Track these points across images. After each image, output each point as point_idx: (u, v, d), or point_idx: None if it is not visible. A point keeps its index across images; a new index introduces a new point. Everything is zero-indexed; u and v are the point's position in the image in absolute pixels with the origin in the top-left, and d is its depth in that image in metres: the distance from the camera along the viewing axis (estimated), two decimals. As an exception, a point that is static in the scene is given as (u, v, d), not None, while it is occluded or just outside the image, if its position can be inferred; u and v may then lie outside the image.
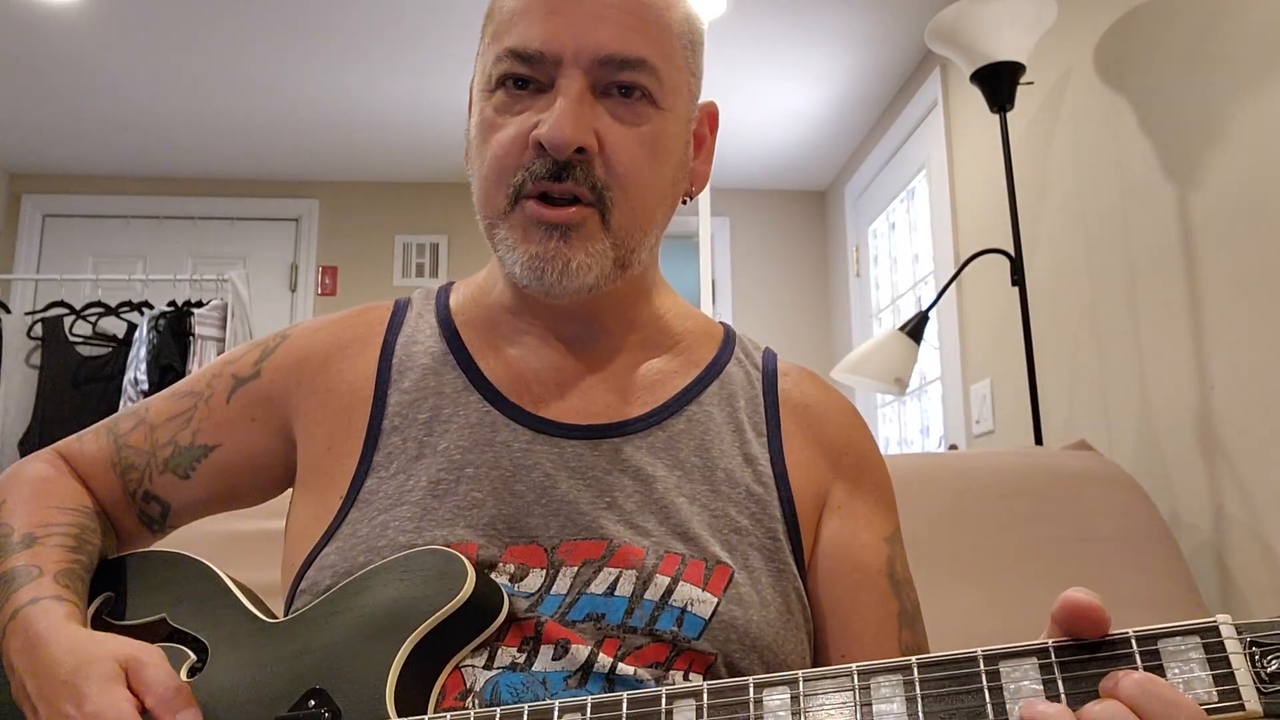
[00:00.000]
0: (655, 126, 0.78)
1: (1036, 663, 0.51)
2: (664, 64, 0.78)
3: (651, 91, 0.77)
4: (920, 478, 1.61)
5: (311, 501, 0.82)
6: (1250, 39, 1.74)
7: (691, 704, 0.57)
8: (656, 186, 0.79)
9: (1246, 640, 0.49)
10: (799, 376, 0.89)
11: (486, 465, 0.78)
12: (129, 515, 0.88)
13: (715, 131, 0.88)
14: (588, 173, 0.75)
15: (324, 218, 4.32)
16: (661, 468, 0.79)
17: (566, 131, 0.73)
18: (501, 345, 0.85)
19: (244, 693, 0.71)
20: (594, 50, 0.75)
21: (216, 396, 0.88)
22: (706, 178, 0.88)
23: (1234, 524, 1.75)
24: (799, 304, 4.35)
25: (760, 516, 0.79)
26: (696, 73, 0.84)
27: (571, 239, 0.75)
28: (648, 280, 0.87)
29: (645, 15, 0.77)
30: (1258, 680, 0.47)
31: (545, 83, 0.76)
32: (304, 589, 0.76)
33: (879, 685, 0.53)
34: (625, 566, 0.73)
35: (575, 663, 0.70)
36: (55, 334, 3.46)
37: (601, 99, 0.76)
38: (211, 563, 0.83)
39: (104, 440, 0.89)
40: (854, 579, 0.80)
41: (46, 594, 0.73)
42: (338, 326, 0.89)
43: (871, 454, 0.87)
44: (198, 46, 3.22)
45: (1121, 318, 2.11)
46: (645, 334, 0.86)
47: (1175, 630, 0.50)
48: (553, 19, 0.75)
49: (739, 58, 3.26)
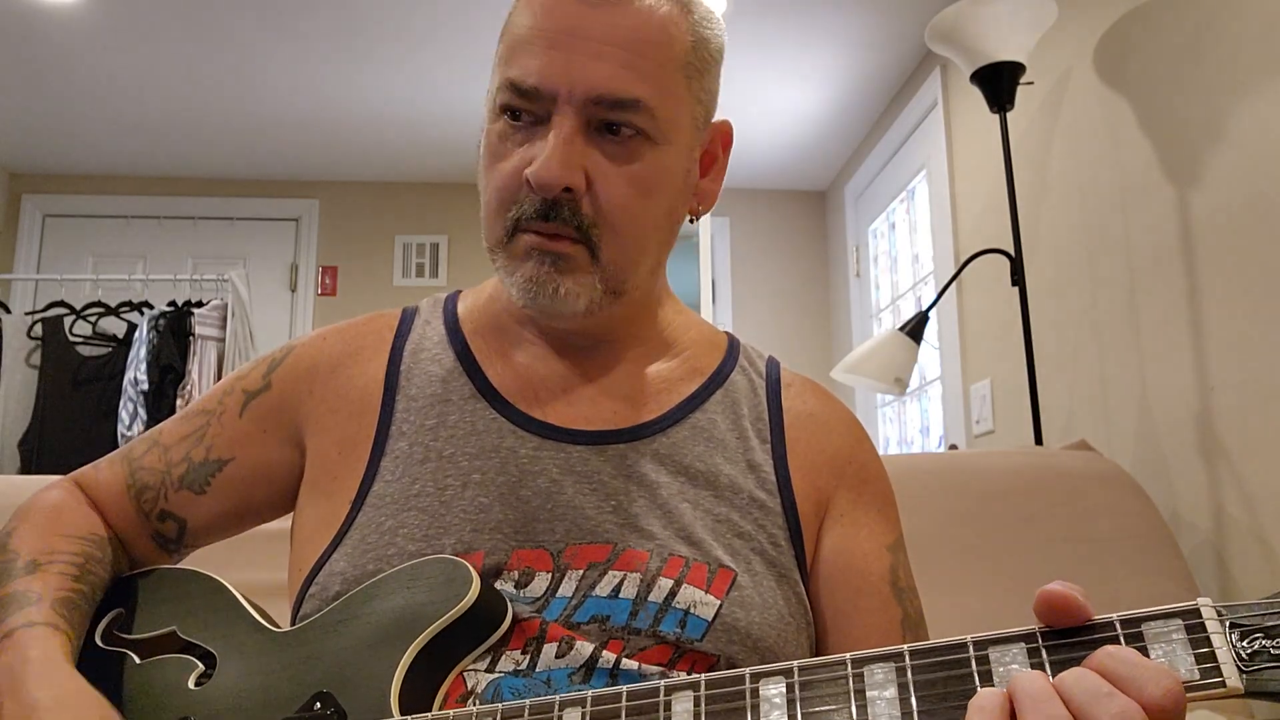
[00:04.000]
0: (649, 163, 0.78)
1: (1024, 647, 0.53)
2: (661, 101, 0.77)
3: (645, 129, 0.77)
4: (920, 478, 1.61)
5: (320, 505, 0.82)
6: (1250, 39, 1.74)
7: (690, 695, 0.58)
8: (647, 222, 0.79)
9: (1227, 622, 0.50)
10: (803, 387, 0.90)
11: (494, 471, 0.79)
12: (144, 539, 0.89)
13: (729, 150, 0.88)
14: (575, 211, 0.76)
15: (324, 218, 4.32)
16: (666, 473, 0.80)
17: (554, 173, 0.75)
18: (509, 352, 0.86)
19: (252, 698, 0.72)
20: (587, 90, 0.75)
21: (229, 412, 0.88)
22: (715, 196, 0.87)
23: (1234, 524, 1.75)
24: (799, 304, 4.35)
25: (763, 522, 0.80)
26: (706, 97, 0.83)
27: (562, 269, 0.77)
28: (651, 296, 0.87)
29: (644, 52, 0.77)
30: (1238, 659, 0.49)
31: (542, 116, 0.77)
32: (313, 593, 0.77)
33: (872, 672, 0.55)
34: (630, 570, 0.74)
35: (579, 659, 0.71)
36: (55, 334, 3.46)
37: (595, 136, 0.77)
38: (223, 561, 0.84)
39: (118, 467, 0.90)
40: (856, 586, 0.81)
41: (41, 620, 0.73)
42: (346, 334, 0.90)
43: (873, 464, 0.88)
44: (198, 47, 3.22)
45: (1121, 318, 2.11)
46: (649, 345, 0.87)
47: (1158, 614, 0.52)
48: (551, 53, 0.76)
49: (739, 58, 3.26)
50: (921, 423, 3.51)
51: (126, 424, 3.28)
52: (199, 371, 3.38)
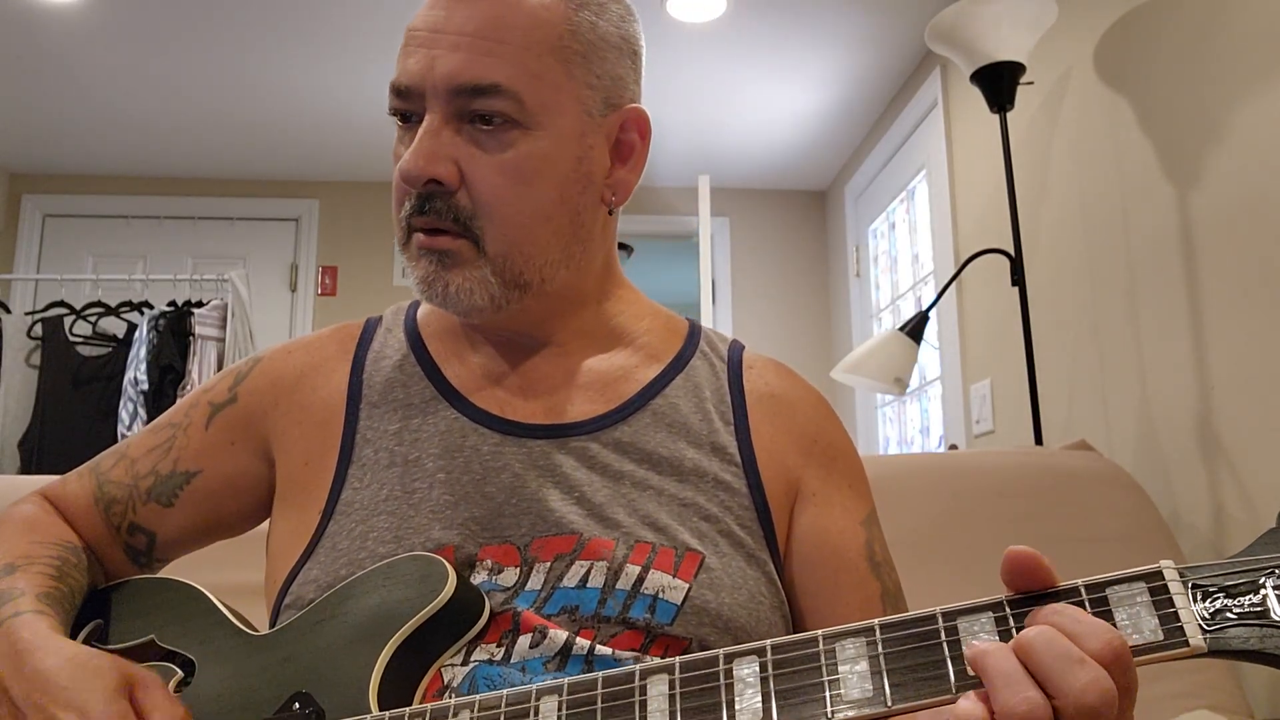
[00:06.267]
0: (522, 150, 0.77)
1: (992, 616, 0.54)
2: (527, 85, 0.76)
3: (513, 116, 0.76)
4: (920, 478, 1.61)
5: (291, 517, 0.83)
6: (1250, 39, 1.74)
7: (665, 678, 0.58)
8: (527, 210, 0.78)
9: (1189, 583, 0.51)
10: (765, 367, 0.90)
11: (458, 470, 0.79)
12: (116, 550, 0.89)
13: (647, 137, 0.85)
14: (449, 204, 0.77)
15: (324, 218, 4.32)
16: (629, 462, 0.80)
17: (418, 164, 0.76)
18: (465, 353, 0.87)
19: (231, 701, 0.72)
20: (446, 81, 0.76)
21: (195, 424, 0.89)
22: (631, 186, 0.85)
23: (1234, 524, 1.75)
24: (799, 304, 4.35)
25: (729, 504, 0.80)
26: (600, 82, 0.81)
27: (448, 264, 0.78)
28: (581, 289, 0.86)
29: (504, 38, 0.76)
30: (1200, 619, 0.50)
31: (420, 114, 0.78)
32: (289, 604, 0.78)
33: (844, 647, 0.55)
34: (596, 559, 0.75)
35: (553, 647, 0.72)
36: (55, 334, 3.45)
37: (467, 128, 0.77)
38: (203, 566, 0.84)
39: (86, 480, 0.90)
40: (833, 564, 0.82)
41: (28, 609, 0.74)
42: (311, 347, 0.91)
43: (841, 440, 0.88)
44: (198, 47, 3.22)
45: (1121, 318, 2.11)
46: (595, 337, 0.87)
47: (1122, 577, 0.53)
48: (419, 52, 0.77)
49: (739, 58, 3.27)
50: (921, 423, 3.51)
51: (126, 424, 3.28)
52: (199, 371, 3.38)
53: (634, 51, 0.85)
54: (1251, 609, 0.50)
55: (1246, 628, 0.49)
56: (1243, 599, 0.50)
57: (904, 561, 0.92)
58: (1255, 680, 1.65)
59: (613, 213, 0.86)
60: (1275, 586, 0.50)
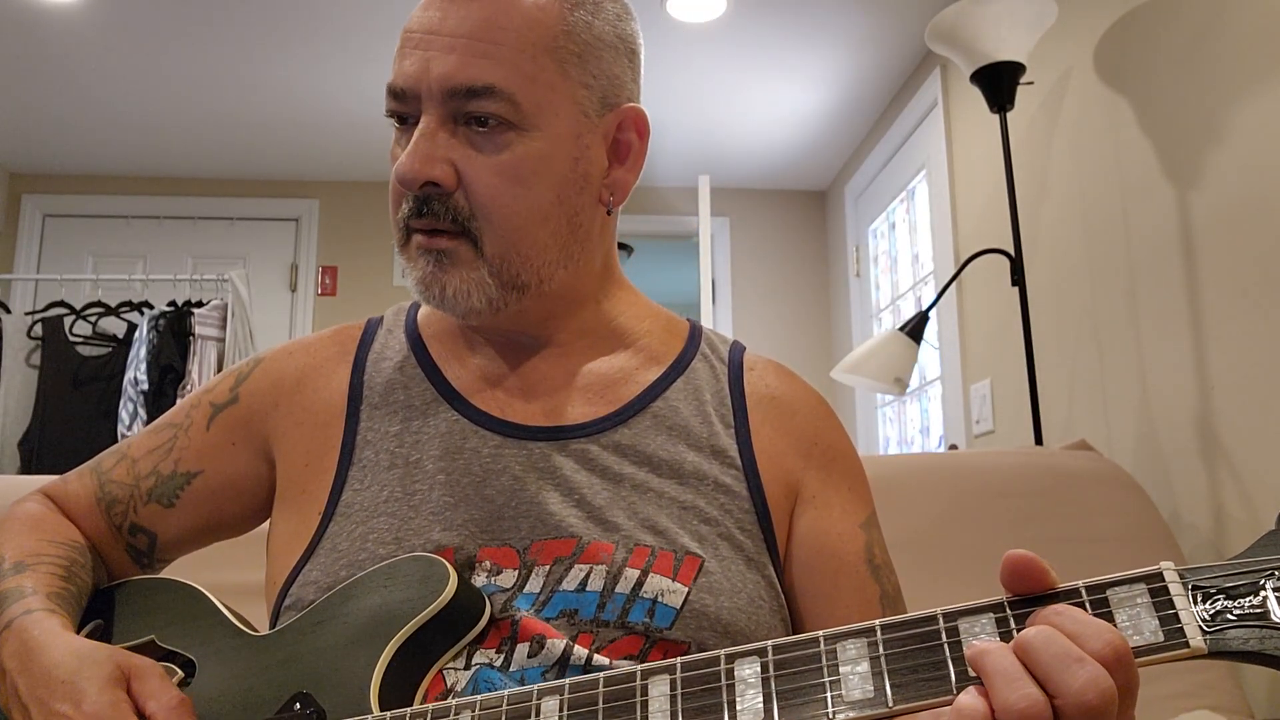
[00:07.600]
0: (518, 151, 0.77)
1: (993, 616, 0.54)
2: (522, 86, 0.76)
3: (508, 117, 0.76)
4: (920, 478, 1.61)
5: (291, 518, 0.83)
6: (1250, 39, 1.74)
7: (666, 679, 0.58)
8: (524, 211, 0.78)
9: (1189, 585, 0.52)
10: (765, 369, 0.90)
11: (458, 472, 0.79)
12: (118, 550, 0.89)
13: (645, 137, 0.85)
14: (447, 205, 0.77)
15: (324, 218, 4.32)
16: (629, 464, 0.80)
17: (414, 167, 0.76)
18: (465, 355, 0.87)
19: (231, 701, 0.72)
20: (440, 83, 0.76)
21: (196, 425, 0.89)
22: (630, 186, 0.85)
23: (1234, 524, 1.75)
24: (799, 304, 4.35)
25: (729, 507, 0.80)
26: (596, 82, 0.80)
27: (445, 265, 0.78)
28: (580, 289, 0.86)
29: (498, 39, 0.76)
30: (1200, 620, 0.50)
31: (416, 117, 0.78)
32: (289, 605, 0.78)
33: (845, 648, 0.55)
34: (595, 562, 0.75)
35: (551, 657, 0.71)
36: (55, 334, 3.46)
37: (463, 130, 0.77)
38: (203, 566, 0.84)
39: (88, 479, 0.90)
40: (833, 568, 0.81)
41: (39, 607, 0.74)
42: (311, 348, 0.91)
43: (840, 442, 0.88)
44: (198, 46, 3.22)
45: (1121, 318, 2.11)
46: (596, 337, 0.87)
47: (1122, 579, 0.53)
48: (414, 54, 0.78)
49: (739, 58, 3.26)
50: (921, 423, 3.51)
51: (126, 424, 3.28)
52: (199, 371, 3.38)
53: (631, 51, 0.84)
54: (1252, 610, 0.50)
55: (1247, 629, 0.49)
56: (1243, 600, 0.50)
57: (904, 562, 0.92)
58: (1255, 680, 1.65)
59: (611, 213, 0.85)
60: (1275, 588, 0.50)
